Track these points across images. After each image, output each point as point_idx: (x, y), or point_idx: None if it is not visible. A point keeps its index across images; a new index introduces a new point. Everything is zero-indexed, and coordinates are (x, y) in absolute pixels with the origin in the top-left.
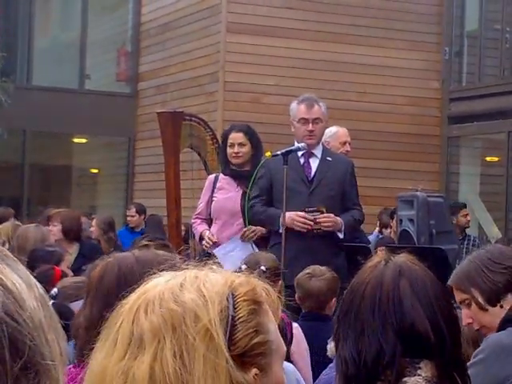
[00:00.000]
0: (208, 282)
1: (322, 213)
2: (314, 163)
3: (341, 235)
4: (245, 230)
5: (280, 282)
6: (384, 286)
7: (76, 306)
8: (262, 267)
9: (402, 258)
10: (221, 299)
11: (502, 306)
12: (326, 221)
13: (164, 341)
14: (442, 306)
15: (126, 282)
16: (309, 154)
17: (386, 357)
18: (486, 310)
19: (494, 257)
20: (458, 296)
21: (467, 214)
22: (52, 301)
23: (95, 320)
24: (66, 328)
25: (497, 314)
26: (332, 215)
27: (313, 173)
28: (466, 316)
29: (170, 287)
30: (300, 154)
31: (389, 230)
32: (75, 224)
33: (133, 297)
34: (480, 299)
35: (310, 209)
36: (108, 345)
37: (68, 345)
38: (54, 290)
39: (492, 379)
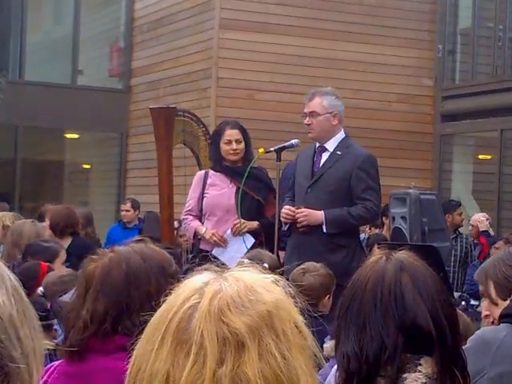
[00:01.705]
0: (268, 282)
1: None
2: (324, 158)
3: (324, 228)
4: (235, 222)
5: None
6: (386, 281)
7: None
8: (265, 264)
9: (403, 254)
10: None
11: None
12: (299, 216)
13: (265, 339)
14: (443, 302)
15: (136, 279)
16: (321, 149)
17: (388, 351)
18: (496, 304)
19: None
20: (480, 288)
21: (462, 213)
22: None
23: (100, 315)
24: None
25: None
26: (306, 210)
27: (319, 167)
28: (484, 308)
29: (244, 287)
30: (316, 147)
31: (377, 230)
32: (63, 219)
33: (199, 300)
34: (492, 292)
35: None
36: (194, 351)
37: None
38: (40, 289)
39: None
